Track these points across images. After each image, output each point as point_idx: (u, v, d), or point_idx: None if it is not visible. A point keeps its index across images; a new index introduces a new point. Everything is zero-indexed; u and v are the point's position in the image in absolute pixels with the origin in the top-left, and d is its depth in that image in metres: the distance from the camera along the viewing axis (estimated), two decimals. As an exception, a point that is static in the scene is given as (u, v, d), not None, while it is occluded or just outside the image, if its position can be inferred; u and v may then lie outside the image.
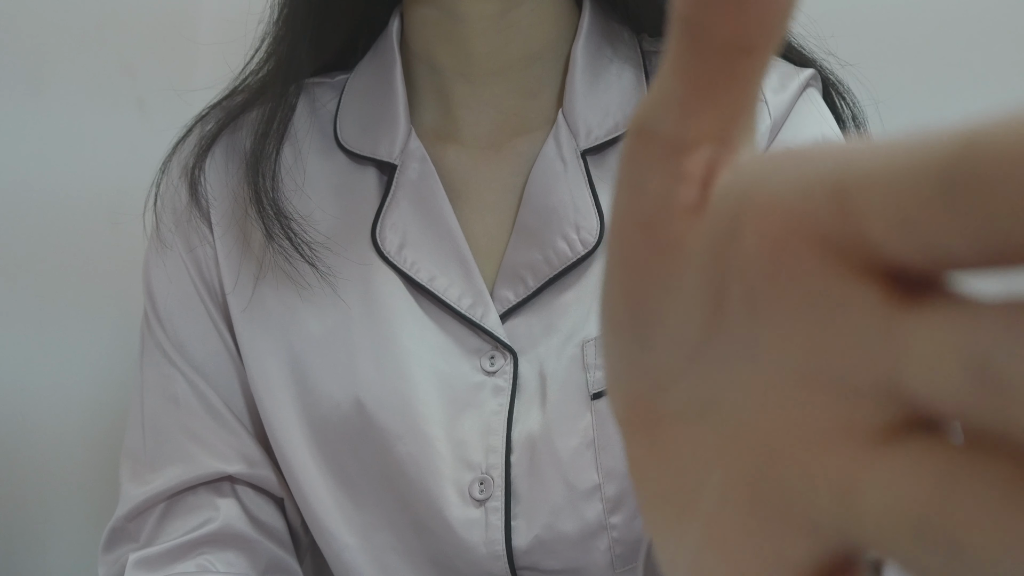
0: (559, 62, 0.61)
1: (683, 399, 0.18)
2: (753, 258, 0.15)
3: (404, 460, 0.55)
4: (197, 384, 0.60)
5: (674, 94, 0.17)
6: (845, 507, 0.14)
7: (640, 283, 0.18)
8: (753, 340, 0.16)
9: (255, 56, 0.63)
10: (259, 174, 0.59)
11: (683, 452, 0.18)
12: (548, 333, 0.56)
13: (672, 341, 0.18)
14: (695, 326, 0.17)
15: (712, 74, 0.17)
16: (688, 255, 0.17)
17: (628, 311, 0.19)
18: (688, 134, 0.17)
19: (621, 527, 0.54)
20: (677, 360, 0.18)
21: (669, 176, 0.17)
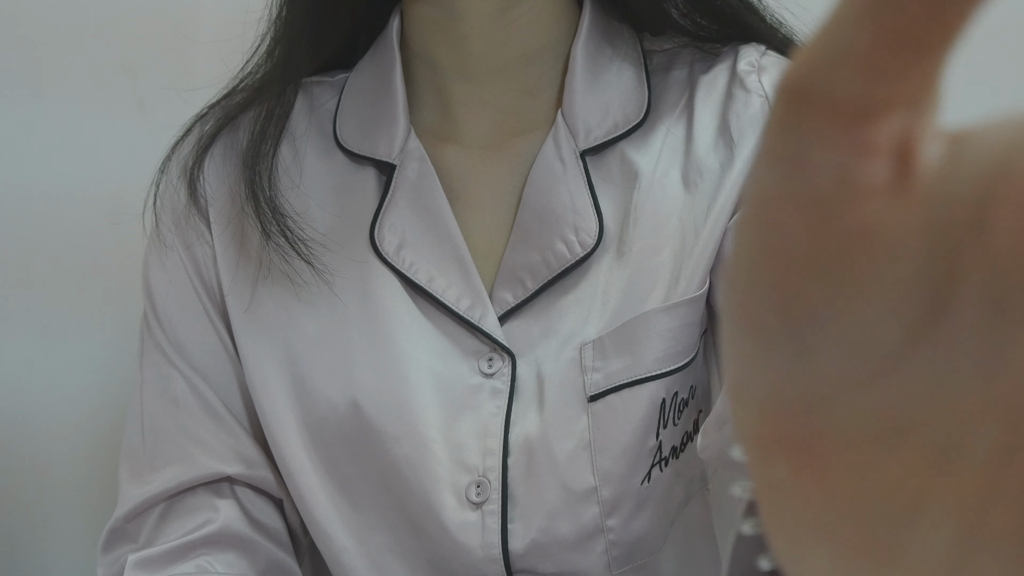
0: (559, 61, 0.61)
1: (857, 416, 0.15)
2: (1009, 253, 0.13)
3: (401, 462, 0.55)
4: (196, 384, 0.60)
5: (856, 46, 0.14)
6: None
7: (805, 279, 0.15)
8: (991, 349, 0.13)
9: (254, 56, 0.63)
10: (256, 172, 0.59)
11: (852, 478, 0.16)
12: (546, 335, 0.56)
13: (852, 348, 0.15)
14: (895, 330, 0.15)
15: (914, 20, 0.14)
16: (888, 245, 0.14)
17: (783, 312, 0.16)
18: (875, 96, 0.14)
19: (618, 529, 0.55)
20: (855, 370, 0.15)
21: (849, 148, 0.14)
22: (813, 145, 0.15)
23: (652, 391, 0.54)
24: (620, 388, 0.54)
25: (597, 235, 0.56)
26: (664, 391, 0.55)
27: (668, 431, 0.55)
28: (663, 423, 0.55)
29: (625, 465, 0.54)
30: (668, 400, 0.55)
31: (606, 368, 0.55)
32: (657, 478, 0.55)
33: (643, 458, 0.54)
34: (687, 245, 0.56)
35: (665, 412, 0.55)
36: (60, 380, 0.84)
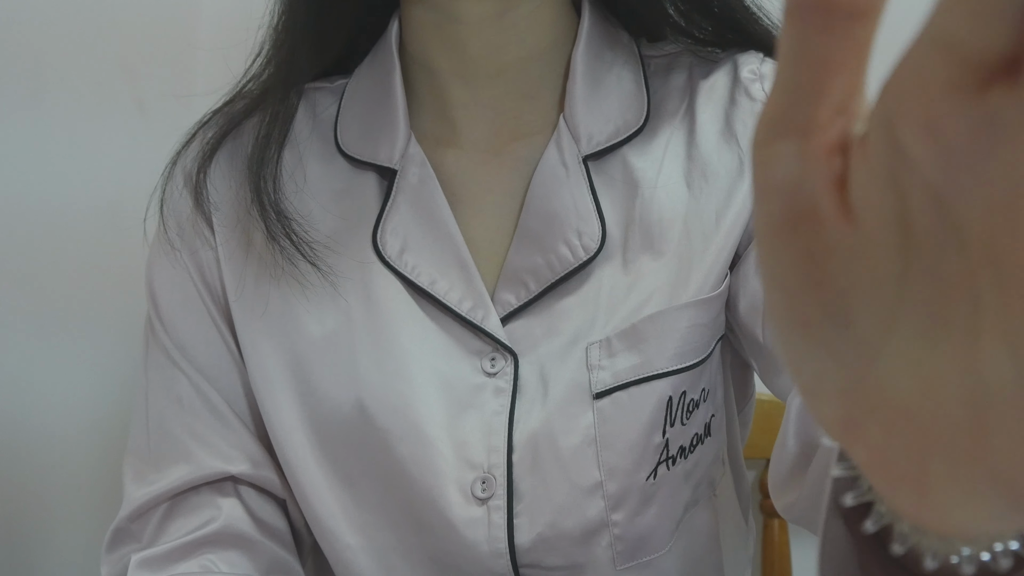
0: (558, 64, 0.61)
1: (898, 363, 0.19)
2: (922, 147, 0.17)
3: (406, 460, 0.56)
4: (200, 385, 0.60)
5: (796, 83, 0.18)
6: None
7: (822, 268, 0.19)
8: (956, 235, 0.17)
9: (255, 61, 0.64)
10: (261, 177, 0.59)
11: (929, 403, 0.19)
12: (549, 336, 0.57)
13: (873, 302, 0.19)
14: (891, 264, 0.18)
15: (829, 47, 0.18)
16: (861, 210, 0.18)
17: (816, 300, 0.19)
18: (820, 114, 0.18)
19: (623, 524, 0.55)
20: (883, 319, 0.19)
21: (813, 160, 0.19)
22: (791, 170, 0.19)
23: (660, 389, 0.55)
24: (627, 385, 0.55)
25: (600, 239, 0.57)
26: (671, 390, 0.55)
27: (676, 430, 0.56)
28: (670, 421, 0.55)
29: (631, 460, 0.54)
30: (676, 399, 0.55)
31: (613, 367, 0.55)
32: (664, 476, 0.55)
33: (649, 454, 0.55)
34: (695, 247, 0.57)
35: (672, 410, 0.55)
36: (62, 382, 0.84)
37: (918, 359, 0.18)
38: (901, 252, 0.18)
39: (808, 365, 0.20)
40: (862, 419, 0.20)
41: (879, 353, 0.19)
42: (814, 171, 0.19)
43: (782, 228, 0.19)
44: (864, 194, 0.18)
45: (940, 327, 0.18)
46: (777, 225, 0.19)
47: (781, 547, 0.98)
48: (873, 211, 0.18)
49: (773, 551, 0.98)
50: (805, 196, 0.19)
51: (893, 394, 0.19)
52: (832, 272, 0.19)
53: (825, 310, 0.19)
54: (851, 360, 0.19)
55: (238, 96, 0.64)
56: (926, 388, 0.18)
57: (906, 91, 0.17)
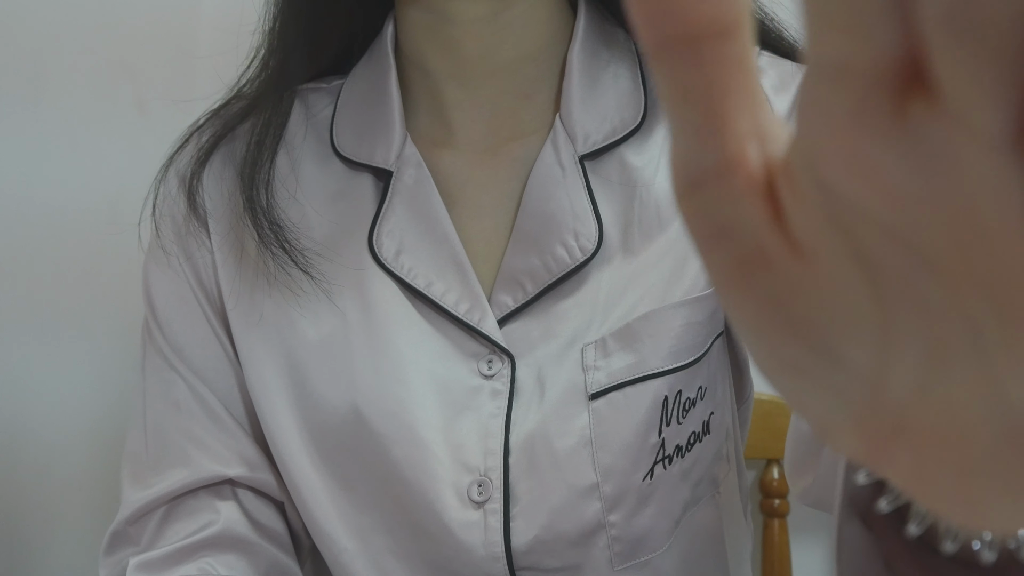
0: (554, 64, 0.61)
1: (909, 389, 0.17)
2: (853, 188, 0.15)
3: (401, 464, 0.55)
4: (198, 388, 0.60)
5: (690, 124, 0.17)
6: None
7: (791, 309, 0.18)
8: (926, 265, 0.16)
9: (251, 64, 0.64)
10: (253, 184, 0.59)
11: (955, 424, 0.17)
12: (547, 338, 0.57)
13: (858, 335, 0.17)
14: (862, 297, 0.17)
15: (705, 76, 0.16)
16: (809, 248, 0.17)
17: (797, 341, 0.18)
18: (728, 149, 0.17)
19: (620, 525, 0.55)
20: (876, 351, 0.17)
21: (741, 200, 0.17)
22: (727, 217, 0.17)
23: (655, 388, 0.55)
24: (622, 386, 0.55)
25: (597, 240, 0.57)
26: (667, 389, 0.55)
27: (672, 429, 0.55)
28: (666, 421, 0.55)
29: (627, 461, 0.54)
30: (671, 398, 0.55)
31: (608, 367, 0.55)
32: (660, 476, 0.55)
33: (645, 454, 0.55)
34: (689, 245, 0.57)
35: (668, 410, 0.55)
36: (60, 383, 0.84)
37: (930, 383, 0.17)
38: (869, 284, 0.17)
39: (813, 405, 0.19)
40: (887, 446, 0.18)
41: (885, 383, 0.17)
42: (746, 212, 0.17)
43: (735, 276, 0.18)
44: (807, 234, 0.17)
45: (944, 353, 0.16)
46: (729, 274, 0.18)
47: (781, 547, 0.98)
48: (822, 250, 0.17)
49: (773, 551, 0.98)
50: (746, 239, 0.17)
51: (914, 418, 0.17)
52: (803, 311, 0.18)
53: (811, 350, 0.18)
54: (856, 393, 0.18)
55: (233, 99, 0.64)
56: (948, 410, 0.17)
57: (816, 131, 0.15)
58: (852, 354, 0.17)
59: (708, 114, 0.17)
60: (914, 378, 0.17)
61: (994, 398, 0.16)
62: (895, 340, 0.17)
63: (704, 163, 0.17)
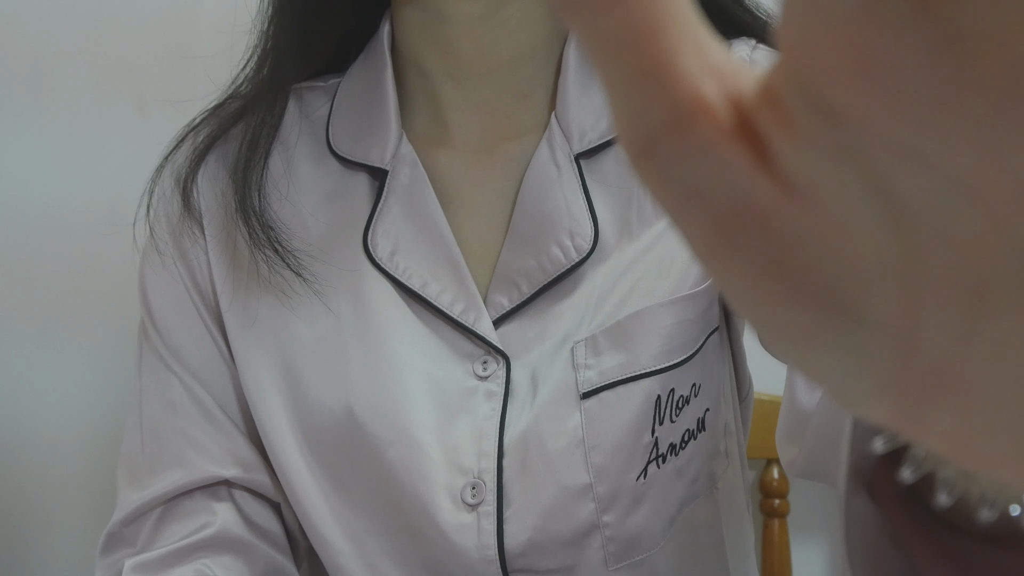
0: (549, 63, 0.61)
1: (947, 341, 0.15)
2: (867, 103, 0.13)
3: (396, 466, 0.55)
4: (194, 389, 0.60)
5: (625, 76, 0.14)
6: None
7: (793, 266, 0.15)
8: (958, 193, 0.13)
9: (247, 64, 0.64)
10: (245, 186, 0.59)
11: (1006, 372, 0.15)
12: (542, 338, 0.56)
13: (878, 284, 0.15)
14: (882, 239, 0.14)
15: (626, 12, 0.14)
16: (810, 189, 0.14)
17: (804, 304, 0.15)
18: (680, 92, 0.14)
19: (614, 525, 0.55)
20: (903, 301, 0.15)
21: (711, 150, 0.15)
22: (692, 173, 0.15)
23: (647, 388, 0.54)
24: (614, 385, 0.54)
25: (592, 240, 0.56)
26: (660, 388, 0.55)
27: (665, 428, 0.55)
28: (659, 420, 0.55)
29: (620, 461, 0.54)
30: (664, 397, 0.55)
31: (599, 365, 0.55)
32: (654, 475, 0.55)
33: (638, 454, 0.54)
34: (678, 239, 0.56)
35: (661, 409, 0.55)
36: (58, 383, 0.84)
37: (973, 330, 0.14)
38: (890, 222, 0.14)
39: (831, 375, 0.16)
40: (924, 407, 0.16)
41: (918, 337, 0.15)
42: (719, 164, 0.15)
43: (719, 241, 0.15)
44: (806, 173, 0.14)
45: (987, 293, 0.14)
46: (711, 240, 0.15)
47: (781, 547, 0.97)
48: (828, 188, 0.14)
49: (773, 551, 0.97)
50: (726, 196, 0.15)
51: (956, 372, 0.15)
52: (809, 267, 0.15)
53: (823, 311, 0.15)
54: (884, 354, 0.15)
55: (229, 99, 0.64)
56: (996, 358, 0.14)
57: (813, 35, 0.13)
58: (875, 309, 0.15)
59: (642, 59, 0.14)
60: (953, 326, 0.15)
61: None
62: (927, 285, 0.14)
63: (653, 119, 0.15)
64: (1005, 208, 0.13)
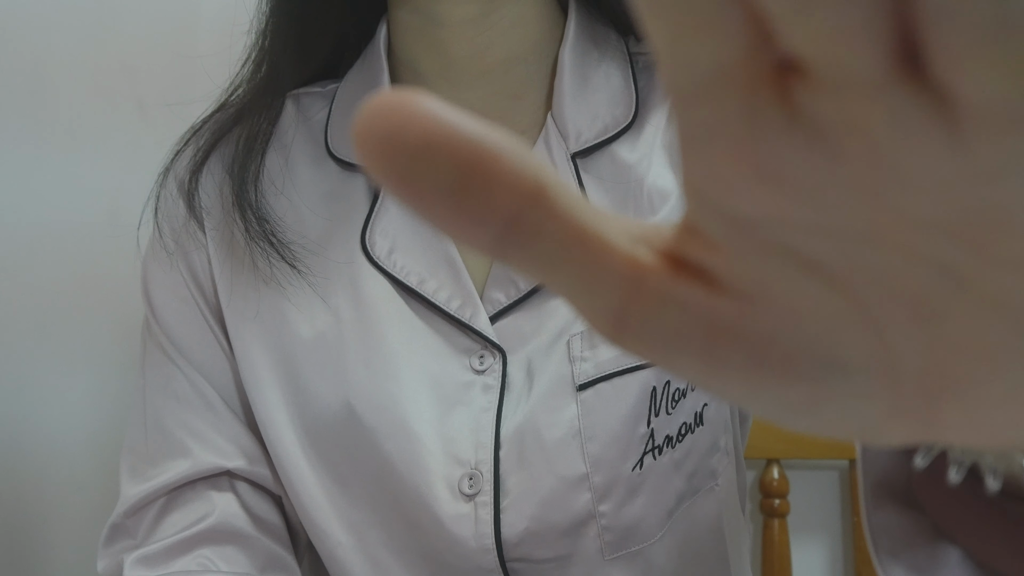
0: (543, 65, 0.61)
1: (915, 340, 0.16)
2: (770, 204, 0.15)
3: (394, 458, 0.56)
4: (196, 381, 0.61)
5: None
6: None
7: (777, 353, 0.17)
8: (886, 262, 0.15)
9: (244, 67, 0.64)
10: (242, 180, 0.60)
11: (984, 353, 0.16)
12: (538, 332, 0.57)
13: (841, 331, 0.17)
14: (826, 293, 0.16)
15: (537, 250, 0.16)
16: (758, 280, 0.17)
17: (800, 376, 0.17)
18: (630, 266, 0.17)
19: (610, 515, 0.55)
20: (867, 332, 0.17)
21: (668, 302, 0.17)
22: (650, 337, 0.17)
23: (642, 379, 0.55)
24: (610, 376, 0.55)
25: None
26: (655, 379, 0.55)
27: (661, 419, 0.56)
28: (654, 411, 0.55)
29: (616, 451, 0.54)
30: (660, 389, 0.55)
31: (595, 358, 0.55)
32: (650, 466, 0.55)
33: (634, 445, 0.55)
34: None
35: (656, 400, 0.55)
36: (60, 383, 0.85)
37: (937, 333, 0.16)
38: (828, 287, 0.16)
39: (845, 423, 0.18)
40: (933, 413, 0.17)
41: (898, 359, 0.17)
42: (679, 304, 0.17)
43: (709, 365, 0.17)
44: (750, 278, 0.16)
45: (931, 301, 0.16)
46: (702, 367, 0.17)
47: (781, 547, 0.98)
48: (772, 283, 0.16)
49: (773, 551, 0.98)
50: (697, 325, 0.17)
51: (940, 372, 0.17)
52: (786, 349, 0.17)
53: (813, 379, 0.17)
54: (879, 387, 0.17)
55: (228, 102, 0.65)
56: (962, 348, 0.16)
57: (709, 159, 0.15)
58: (852, 356, 0.17)
59: (582, 260, 0.16)
60: (917, 338, 0.16)
61: (1001, 309, 0.15)
62: (881, 318, 0.16)
63: (612, 299, 0.17)
64: (904, 237, 0.15)
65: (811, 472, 1.04)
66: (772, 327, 0.17)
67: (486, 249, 0.16)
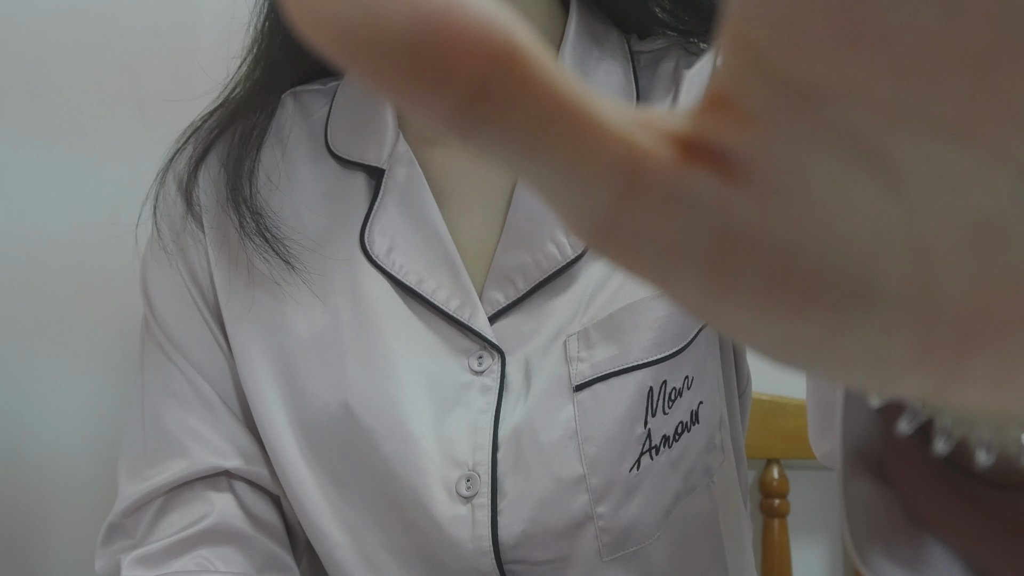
0: None
1: (962, 266, 0.14)
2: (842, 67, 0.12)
3: (392, 459, 0.56)
4: (195, 380, 0.61)
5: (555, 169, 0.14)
6: None
7: (810, 266, 0.14)
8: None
9: (242, 65, 0.64)
10: (237, 175, 0.60)
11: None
12: (536, 333, 0.57)
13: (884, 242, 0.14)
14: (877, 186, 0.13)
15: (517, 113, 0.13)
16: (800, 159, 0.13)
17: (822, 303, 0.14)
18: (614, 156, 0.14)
19: (607, 516, 0.55)
20: (912, 248, 0.14)
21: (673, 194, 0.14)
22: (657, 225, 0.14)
23: (639, 379, 0.55)
24: (606, 377, 0.55)
25: None
26: (651, 380, 0.55)
27: (658, 419, 0.55)
28: (651, 411, 0.55)
29: (613, 453, 0.54)
30: (656, 389, 0.55)
31: (592, 358, 0.55)
32: (648, 466, 0.55)
33: (631, 446, 0.55)
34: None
35: (653, 401, 0.55)
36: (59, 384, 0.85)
37: (987, 270, 0.14)
38: (883, 188, 0.14)
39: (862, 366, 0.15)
40: (961, 361, 0.15)
41: (937, 294, 0.14)
42: (688, 198, 0.14)
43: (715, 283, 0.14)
44: (788, 167, 0.14)
45: (991, 234, 0.13)
46: (706, 286, 0.14)
47: (781, 547, 0.98)
48: (815, 175, 0.14)
49: (773, 551, 0.97)
50: (707, 228, 0.14)
51: (982, 315, 0.14)
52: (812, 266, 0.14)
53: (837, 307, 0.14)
54: (908, 324, 0.14)
55: (227, 100, 0.65)
56: (1016, 289, 0.14)
57: (787, 16, 0.12)
58: (888, 283, 0.14)
59: (565, 143, 0.13)
60: (968, 270, 0.14)
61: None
62: (934, 239, 0.14)
63: (601, 195, 0.14)
64: (1001, 136, 0.12)
65: (811, 472, 1.04)
66: (799, 234, 0.14)
67: (449, 124, 0.13)
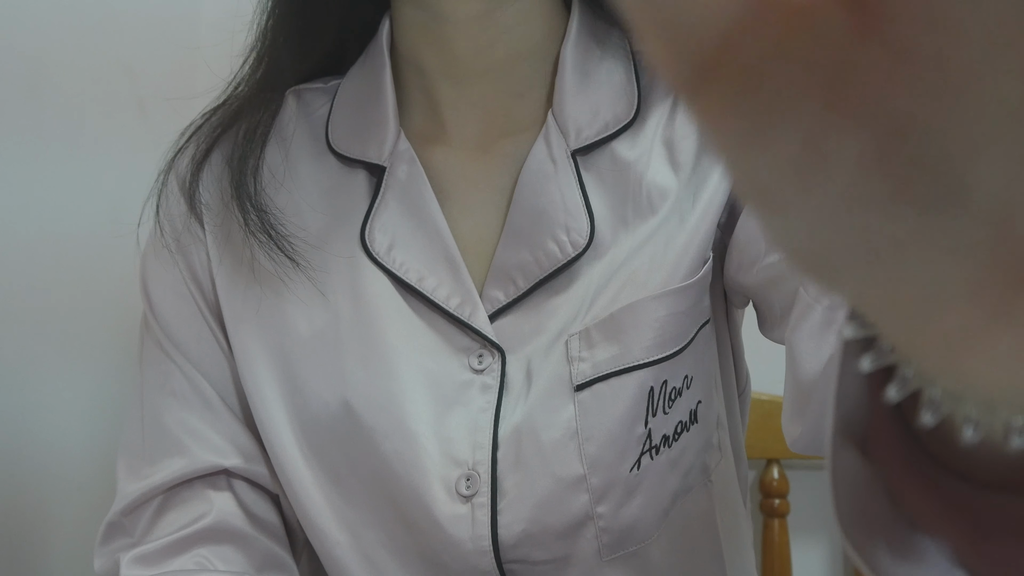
0: (546, 62, 0.61)
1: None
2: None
3: (391, 458, 0.56)
4: (194, 378, 0.61)
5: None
6: None
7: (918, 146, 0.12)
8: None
9: (245, 63, 0.64)
10: (241, 172, 0.60)
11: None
12: (537, 332, 0.57)
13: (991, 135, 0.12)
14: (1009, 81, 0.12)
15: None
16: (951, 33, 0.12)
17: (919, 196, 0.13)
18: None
19: (607, 516, 0.55)
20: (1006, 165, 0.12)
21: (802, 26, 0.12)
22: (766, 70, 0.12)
23: (640, 379, 0.55)
24: (607, 377, 0.55)
25: (588, 235, 0.57)
26: (652, 379, 0.55)
27: (658, 419, 0.55)
28: (651, 411, 0.55)
29: (613, 453, 0.54)
30: (657, 388, 0.55)
31: (593, 358, 0.55)
32: (648, 466, 0.55)
33: (631, 446, 0.55)
34: (675, 235, 0.57)
35: (654, 400, 0.55)
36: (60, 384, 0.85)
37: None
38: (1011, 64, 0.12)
39: (919, 285, 0.13)
40: (1008, 307, 0.13)
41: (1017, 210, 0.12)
42: (817, 34, 0.12)
43: (817, 146, 0.12)
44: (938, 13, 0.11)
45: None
46: (803, 153, 0.13)
47: (781, 547, 0.98)
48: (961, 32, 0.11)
49: (773, 551, 0.97)
50: (831, 73, 0.12)
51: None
52: (920, 146, 0.12)
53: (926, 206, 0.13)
54: (981, 240, 0.13)
55: (230, 98, 0.65)
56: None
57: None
58: (985, 183, 0.12)
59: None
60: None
61: None
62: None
63: (716, 25, 0.12)
64: None
65: (811, 472, 1.04)
66: (915, 108, 0.12)
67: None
